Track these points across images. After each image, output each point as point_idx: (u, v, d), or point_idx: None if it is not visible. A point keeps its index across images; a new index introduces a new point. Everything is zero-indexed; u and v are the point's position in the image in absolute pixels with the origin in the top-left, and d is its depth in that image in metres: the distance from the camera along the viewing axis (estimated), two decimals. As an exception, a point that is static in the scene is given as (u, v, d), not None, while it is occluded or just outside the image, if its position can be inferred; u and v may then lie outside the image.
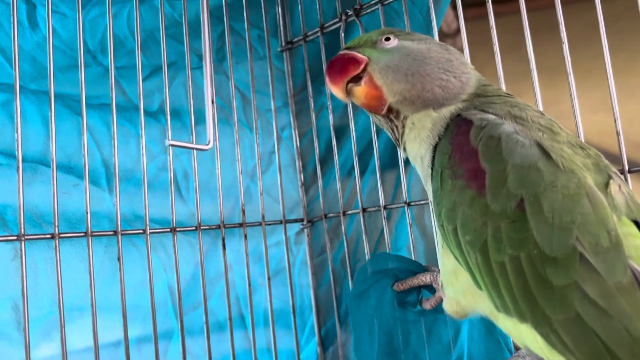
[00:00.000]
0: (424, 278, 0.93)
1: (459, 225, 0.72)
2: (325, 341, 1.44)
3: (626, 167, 0.94)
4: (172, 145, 0.92)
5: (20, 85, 1.08)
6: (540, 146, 0.72)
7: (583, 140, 0.90)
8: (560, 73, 0.98)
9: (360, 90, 0.85)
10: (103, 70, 1.21)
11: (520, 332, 0.71)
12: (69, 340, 1.05)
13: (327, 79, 0.88)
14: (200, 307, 1.19)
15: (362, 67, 0.84)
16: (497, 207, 0.68)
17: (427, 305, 0.94)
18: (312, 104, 1.43)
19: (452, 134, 0.77)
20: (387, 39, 0.85)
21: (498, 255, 0.68)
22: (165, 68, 1.17)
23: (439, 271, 0.92)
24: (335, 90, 0.88)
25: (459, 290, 0.79)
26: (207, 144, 0.99)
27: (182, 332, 1.12)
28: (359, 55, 0.85)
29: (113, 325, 1.11)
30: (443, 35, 2.98)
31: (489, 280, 0.70)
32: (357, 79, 0.85)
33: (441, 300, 0.90)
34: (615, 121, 0.96)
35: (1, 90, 1.05)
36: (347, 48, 0.88)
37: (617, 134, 0.95)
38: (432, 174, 0.79)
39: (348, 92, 0.86)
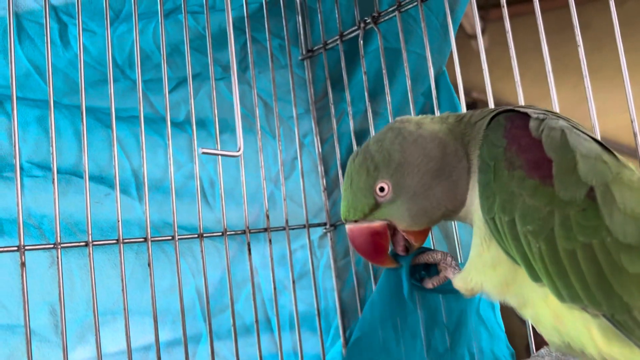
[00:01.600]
0: (435, 255, 0.92)
1: (517, 215, 0.71)
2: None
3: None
4: (205, 152, 0.96)
5: (54, 101, 1.14)
6: (596, 140, 0.76)
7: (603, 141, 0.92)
8: (591, 72, 0.98)
9: (418, 244, 0.89)
10: (131, 84, 1.26)
11: (568, 324, 0.71)
12: (103, 344, 1.10)
13: (372, 261, 0.94)
14: (228, 311, 1.23)
15: (388, 235, 0.86)
16: (566, 195, 0.69)
17: (429, 284, 0.94)
18: (332, 110, 1.46)
19: (504, 129, 0.77)
20: (382, 190, 0.82)
21: (568, 243, 0.68)
22: (190, 79, 1.21)
23: (450, 255, 0.93)
24: (386, 265, 0.91)
25: (492, 281, 0.79)
26: (238, 151, 1.02)
27: (210, 335, 1.16)
28: (378, 226, 0.85)
29: (144, 329, 1.15)
30: (466, 36, 2.99)
31: (554, 270, 0.69)
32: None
33: (445, 280, 0.92)
34: (632, 122, 0.97)
35: (36, 105, 1.10)
36: (352, 221, 0.86)
37: (635, 135, 0.96)
38: (479, 169, 0.79)
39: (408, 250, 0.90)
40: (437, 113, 1.21)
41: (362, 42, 1.37)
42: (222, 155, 1.10)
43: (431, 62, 1.21)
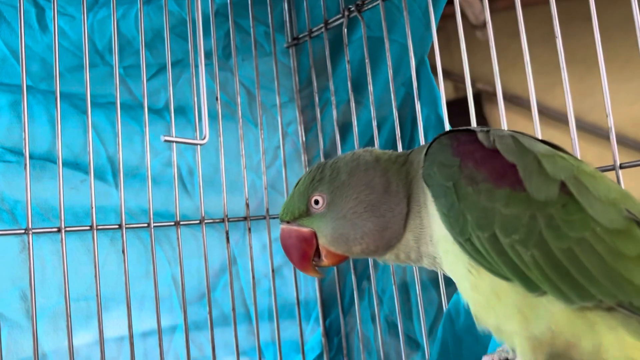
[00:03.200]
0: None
1: (498, 228, 0.68)
2: (330, 332, 1.47)
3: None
4: (167, 140, 0.95)
5: (30, 86, 1.13)
6: (543, 141, 0.76)
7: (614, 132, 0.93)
8: (596, 64, 0.96)
9: (327, 263, 0.86)
10: (110, 70, 1.25)
11: (598, 331, 0.66)
12: (77, 330, 1.10)
13: (295, 265, 0.89)
14: (205, 299, 1.23)
15: (314, 244, 0.85)
16: (541, 196, 0.67)
17: None
18: (316, 99, 1.45)
19: (451, 148, 0.75)
20: (316, 202, 0.83)
21: (561, 242, 0.66)
22: (169, 66, 1.20)
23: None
24: (308, 273, 0.89)
25: (505, 313, 0.71)
26: (203, 139, 1.01)
27: (185, 323, 1.16)
28: (306, 232, 0.84)
29: (119, 316, 1.15)
30: (471, 27, 2.95)
31: (555, 273, 0.66)
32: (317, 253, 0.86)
33: None
34: None
35: (10, 90, 1.09)
36: (285, 221, 0.86)
37: None
38: (435, 197, 0.75)
39: (317, 265, 0.88)
40: (417, 103, 1.20)
41: (346, 30, 1.35)
42: (185, 143, 1.09)
43: (413, 51, 1.20)
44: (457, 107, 1.40)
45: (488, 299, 0.71)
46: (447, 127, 1.15)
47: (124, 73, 1.27)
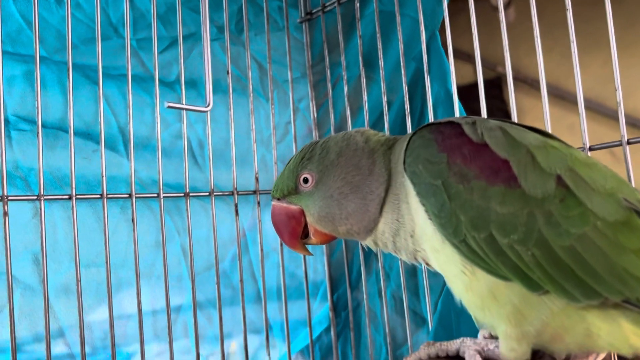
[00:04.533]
0: (450, 346, 0.78)
1: (494, 228, 0.65)
2: (337, 306, 1.48)
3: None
4: (170, 106, 0.97)
5: (44, 57, 1.16)
6: (532, 129, 0.73)
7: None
8: (621, 48, 0.93)
9: (315, 241, 0.87)
10: (123, 42, 1.26)
11: (601, 328, 0.65)
12: (87, 295, 1.13)
13: (284, 242, 0.90)
14: (213, 269, 1.25)
15: (303, 221, 0.85)
16: (538, 192, 0.64)
17: None
18: (328, 74, 1.45)
19: (435, 143, 0.71)
20: (305, 180, 0.83)
21: (562, 239, 0.63)
22: (180, 39, 1.21)
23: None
24: (297, 251, 0.89)
25: (500, 313, 0.68)
26: (207, 106, 1.02)
27: (193, 292, 1.18)
28: (294, 209, 0.85)
29: (129, 283, 1.18)
30: (492, 9, 2.89)
31: (557, 272, 0.63)
32: (305, 231, 0.87)
33: None
34: None
35: (24, 61, 1.12)
36: (276, 198, 0.87)
37: None
38: (421, 195, 0.72)
39: (306, 243, 0.88)
40: (427, 78, 1.19)
41: (358, 4, 1.34)
42: (188, 109, 1.10)
43: (423, 25, 1.18)
44: (477, 90, 1.39)
45: (483, 299, 0.69)
46: (456, 102, 1.14)
47: (137, 45, 1.29)
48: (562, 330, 0.66)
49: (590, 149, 0.96)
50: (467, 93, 1.19)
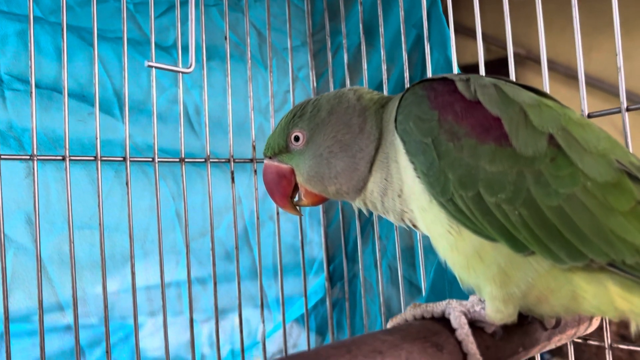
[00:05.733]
0: (436, 307, 0.75)
1: (482, 187, 0.64)
2: (333, 277, 1.48)
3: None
4: (150, 66, 0.96)
5: (39, 17, 1.14)
6: (527, 87, 0.71)
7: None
8: (635, 27, 0.91)
9: (306, 202, 0.85)
10: (120, 5, 1.25)
11: (582, 287, 0.64)
12: (80, 257, 1.13)
13: (275, 202, 0.88)
14: (208, 235, 1.25)
15: (293, 181, 0.83)
16: (529, 150, 0.63)
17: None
18: (329, 43, 1.43)
19: (427, 100, 0.69)
20: (296, 139, 0.81)
21: (550, 199, 0.62)
22: (177, 3, 1.20)
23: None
24: (287, 211, 0.87)
25: (486, 274, 0.67)
26: (189, 67, 1.01)
27: (187, 256, 1.18)
28: (285, 168, 0.83)
29: (122, 245, 1.18)
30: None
31: (544, 233, 0.62)
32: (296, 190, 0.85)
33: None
34: None
35: (18, 19, 1.11)
36: (268, 157, 0.85)
37: None
38: (410, 153, 0.70)
39: (297, 204, 0.86)
40: (427, 45, 1.17)
41: (359, -29, 1.32)
42: (170, 70, 1.09)
43: (424, -9, 1.16)
44: (489, 69, 1.37)
45: (468, 259, 0.68)
46: (456, 70, 1.12)
47: (134, 9, 1.27)
48: (548, 292, 0.65)
49: (589, 116, 0.94)
50: (477, 72, 1.17)
